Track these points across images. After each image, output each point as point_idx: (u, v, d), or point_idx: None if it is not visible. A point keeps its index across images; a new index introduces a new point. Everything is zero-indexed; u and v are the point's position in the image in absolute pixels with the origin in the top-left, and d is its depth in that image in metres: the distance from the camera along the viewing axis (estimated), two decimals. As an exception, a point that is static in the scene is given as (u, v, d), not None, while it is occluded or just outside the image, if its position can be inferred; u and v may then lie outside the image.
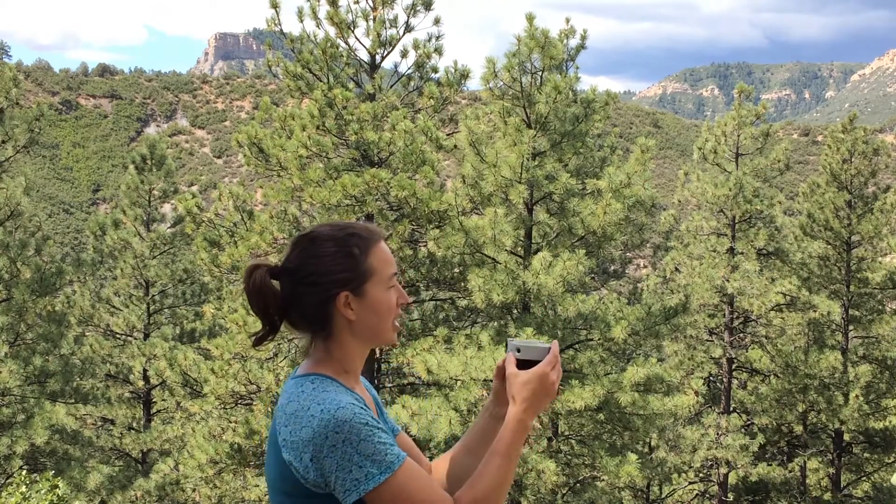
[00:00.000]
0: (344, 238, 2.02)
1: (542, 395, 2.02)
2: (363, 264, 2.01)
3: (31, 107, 17.77)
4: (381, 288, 2.03)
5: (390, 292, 2.04)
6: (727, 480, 22.89)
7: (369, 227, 2.07)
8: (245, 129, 14.34)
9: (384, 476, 1.86)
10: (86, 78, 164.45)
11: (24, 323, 16.89)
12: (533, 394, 2.01)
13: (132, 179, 21.82)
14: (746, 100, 22.94)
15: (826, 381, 21.86)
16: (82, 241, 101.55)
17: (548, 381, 2.02)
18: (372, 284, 2.01)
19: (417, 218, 13.90)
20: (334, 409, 1.89)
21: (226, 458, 14.35)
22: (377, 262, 2.02)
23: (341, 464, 1.86)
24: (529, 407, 2.00)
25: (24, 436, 16.38)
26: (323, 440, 1.86)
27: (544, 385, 2.02)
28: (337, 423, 1.87)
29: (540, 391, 2.01)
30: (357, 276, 2.00)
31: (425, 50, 14.79)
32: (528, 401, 2.00)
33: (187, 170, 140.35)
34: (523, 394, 2.00)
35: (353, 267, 2.00)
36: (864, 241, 22.76)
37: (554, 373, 2.03)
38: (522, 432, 1.99)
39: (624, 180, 13.24)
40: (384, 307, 2.03)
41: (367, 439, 1.87)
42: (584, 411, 13.35)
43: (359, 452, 1.86)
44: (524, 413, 1.99)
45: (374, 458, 1.87)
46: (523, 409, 1.99)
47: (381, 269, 2.03)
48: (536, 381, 2.01)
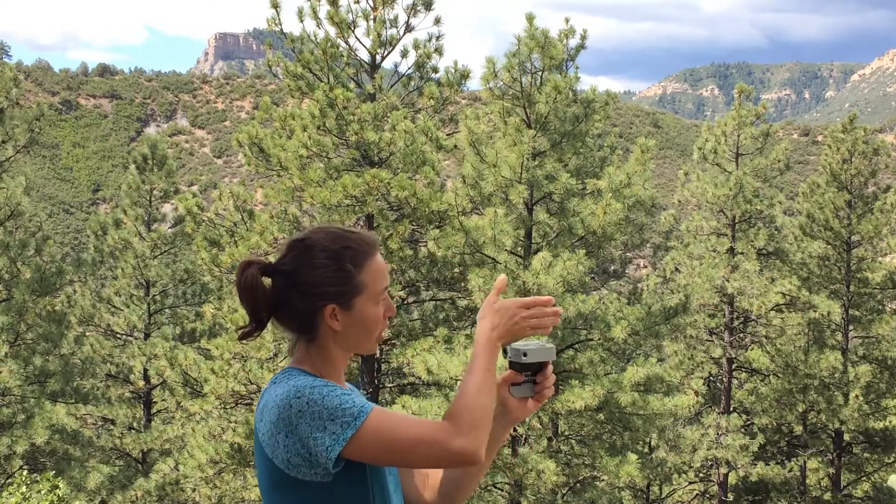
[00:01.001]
0: (338, 251, 2.02)
1: (508, 328, 2.02)
2: (355, 279, 2.01)
3: (31, 107, 17.78)
4: (371, 303, 2.03)
5: (379, 306, 2.05)
6: (727, 480, 22.89)
7: (365, 239, 2.06)
8: (245, 129, 14.35)
9: (360, 420, 1.87)
10: (86, 78, 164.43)
11: (24, 323, 16.89)
12: (501, 320, 2.01)
13: (133, 179, 21.82)
14: (746, 100, 22.94)
15: (826, 381, 21.86)
16: (82, 241, 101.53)
17: (517, 318, 2.02)
18: (361, 299, 2.02)
19: (417, 218, 13.91)
20: (293, 383, 1.93)
21: (226, 458, 14.35)
22: (369, 278, 2.02)
23: (313, 424, 1.87)
24: (499, 332, 2.01)
25: (25, 436, 16.38)
26: (288, 410, 1.88)
27: (513, 321, 2.02)
28: (297, 390, 1.90)
29: (507, 324, 2.01)
30: (347, 290, 2.01)
31: (425, 50, 14.79)
32: (497, 327, 2.01)
33: (187, 170, 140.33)
34: (496, 319, 2.01)
35: (344, 282, 2.01)
36: (864, 241, 22.76)
37: (525, 313, 2.02)
38: (492, 352, 2.00)
39: (624, 180, 13.24)
40: (371, 321, 2.04)
41: (330, 395, 1.89)
42: (584, 411, 13.35)
43: (326, 407, 1.87)
44: (492, 333, 2.00)
45: (342, 407, 1.88)
46: (491, 329, 2.00)
47: (373, 285, 2.03)
48: (509, 313, 2.02)
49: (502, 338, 2.01)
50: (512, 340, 2.04)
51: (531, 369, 2.09)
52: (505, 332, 2.01)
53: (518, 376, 2.09)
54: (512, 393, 2.10)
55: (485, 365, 1.98)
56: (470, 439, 1.90)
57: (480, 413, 1.93)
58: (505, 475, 13.46)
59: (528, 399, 2.11)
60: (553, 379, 2.12)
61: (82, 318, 21.06)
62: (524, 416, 2.13)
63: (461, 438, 1.89)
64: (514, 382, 2.10)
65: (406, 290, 14.60)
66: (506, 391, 2.11)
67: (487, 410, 1.94)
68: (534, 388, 2.11)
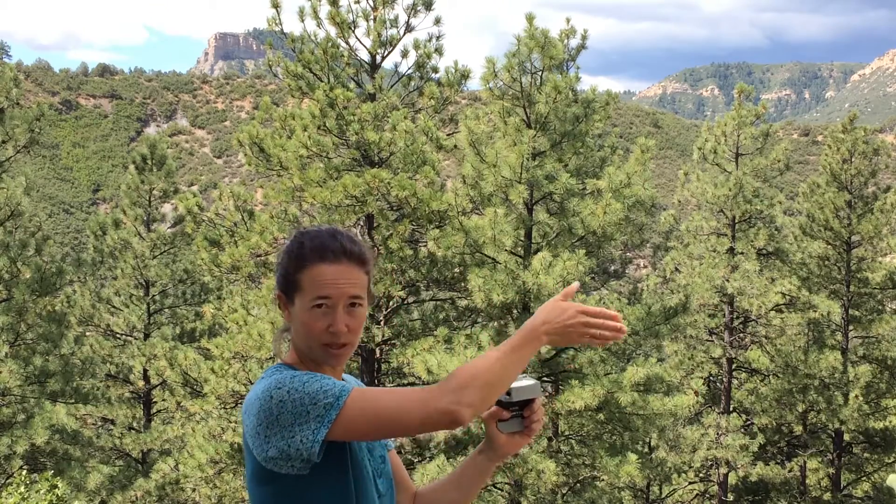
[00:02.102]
0: (296, 243, 2.04)
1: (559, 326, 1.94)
2: (292, 276, 2.02)
3: (31, 107, 17.76)
4: (304, 306, 2.00)
5: (314, 313, 1.99)
6: (727, 480, 22.89)
7: (324, 245, 2.02)
8: (246, 129, 14.35)
9: (342, 399, 1.85)
10: (86, 78, 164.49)
11: (24, 323, 16.89)
12: (556, 316, 1.95)
13: (132, 179, 21.83)
14: (746, 100, 22.94)
15: (826, 381, 21.86)
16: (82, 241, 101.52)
17: (573, 321, 1.95)
18: (298, 298, 2.01)
19: (418, 218, 13.90)
20: (274, 378, 1.92)
21: (226, 458, 14.35)
22: (307, 281, 1.99)
23: (296, 411, 1.85)
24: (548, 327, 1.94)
25: (24, 436, 16.38)
26: (269, 402, 1.87)
27: (568, 322, 1.95)
28: (277, 382, 1.89)
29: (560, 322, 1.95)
30: (287, 283, 2.03)
31: (426, 50, 14.79)
32: (549, 322, 1.94)
33: (187, 170, 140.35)
34: (552, 314, 1.95)
35: (286, 272, 2.03)
36: (864, 241, 22.76)
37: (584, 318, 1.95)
38: (531, 340, 1.93)
39: (624, 180, 13.24)
40: (305, 324, 1.99)
41: (310, 381, 1.88)
42: (584, 411, 13.35)
43: (307, 393, 1.86)
44: (541, 326, 1.94)
45: (323, 390, 1.86)
46: (542, 322, 1.94)
47: (308, 289, 1.99)
48: (567, 314, 1.95)
49: (551, 334, 1.94)
50: (562, 342, 1.96)
51: (518, 405, 2.05)
52: (557, 329, 1.94)
53: (504, 412, 2.05)
54: (500, 429, 2.06)
55: (517, 344, 1.92)
56: (456, 398, 1.83)
57: (481, 377, 1.86)
58: (505, 475, 13.46)
59: (517, 433, 2.07)
60: (542, 412, 2.08)
61: (82, 318, 21.06)
62: (514, 450, 2.10)
63: (447, 396, 1.84)
64: (501, 419, 2.06)
65: (406, 290, 14.60)
66: (493, 427, 2.07)
67: (492, 380, 1.87)
68: (522, 423, 2.06)
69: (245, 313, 13.88)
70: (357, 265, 2.03)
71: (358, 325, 2.02)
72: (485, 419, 2.08)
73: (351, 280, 2.00)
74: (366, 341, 13.82)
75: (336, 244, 2.02)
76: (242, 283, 15.23)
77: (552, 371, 14.12)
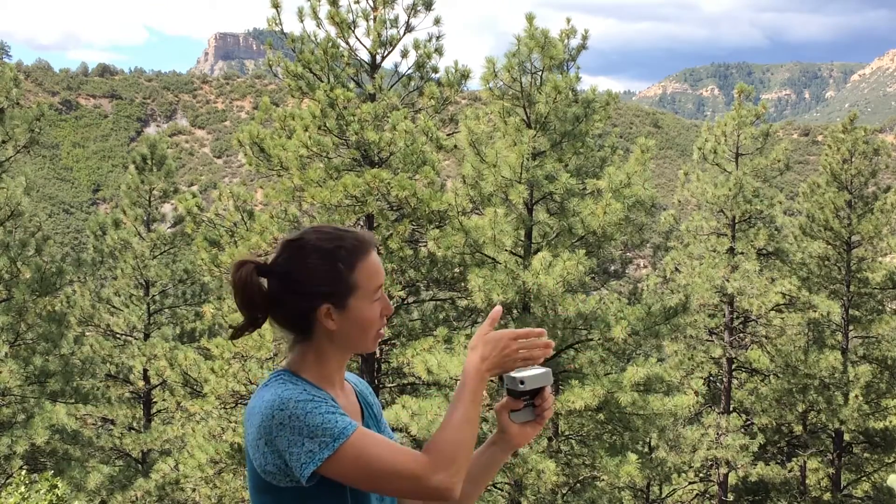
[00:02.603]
0: (330, 251, 1.99)
1: (498, 360, 1.99)
2: (348, 279, 1.99)
3: (31, 107, 17.76)
4: (366, 302, 2.00)
5: (374, 305, 2.02)
6: (727, 480, 22.89)
7: (358, 238, 2.03)
8: (246, 129, 14.35)
9: (338, 442, 1.85)
10: (86, 78, 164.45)
11: (24, 323, 16.89)
12: (491, 350, 1.99)
13: (132, 179, 21.83)
14: (746, 100, 22.94)
15: (826, 381, 21.86)
16: (82, 241, 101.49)
17: (508, 351, 1.99)
18: (356, 298, 1.99)
19: (418, 218, 13.90)
20: (280, 392, 1.91)
21: (226, 458, 14.35)
22: (362, 277, 2.00)
23: (292, 438, 1.86)
24: (488, 364, 1.98)
25: (24, 436, 16.37)
26: (270, 421, 1.87)
27: (504, 353, 1.99)
28: (281, 401, 1.88)
29: (497, 356, 1.99)
30: (340, 290, 1.99)
31: (426, 50, 14.79)
32: (488, 358, 1.98)
33: (187, 170, 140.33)
34: (486, 350, 1.99)
35: (336, 281, 1.98)
36: (864, 241, 22.76)
37: (516, 345, 2.00)
38: (479, 383, 1.97)
39: (624, 180, 13.24)
40: (367, 320, 2.01)
41: (314, 412, 1.87)
42: (584, 411, 13.35)
43: (307, 425, 1.86)
44: (482, 364, 1.98)
45: (324, 426, 1.86)
46: (481, 360, 1.98)
47: (366, 284, 2.00)
48: (501, 345, 1.99)
49: (492, 370, 1.99)
50: (502, 372, 2.01)
51: (529, 394, 2.07)
52: (495, 363, 1.99)
53: (517, 402, 2.08)
54: (512, 419, 2.09)
55: (471, 397, 1.96)
56: (448, 475, 1.89)
57: (461, 447, 1.92)
58: (505, 475, 13.46)
59: (528, 423, 2.10)
60: (552, 399, 2.11)
61: (82, 318, 21.05)
62: (526, 440, 2.12)
63: (439, 474, 1.88)
64: (514, 409, 2.08)
65: (406, 290, 14.60)
66: (506, 418, 2.09)
67: (469, 444, 1.93)
68: (534, 411, 2.09)
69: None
70: (375, 249, 2.09)
71: None
72: (497, 410, 2.11)
73: (381, 263, 2.08)
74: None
75: (364, 234, 2.06)
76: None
77: (552, 371, 14.11)
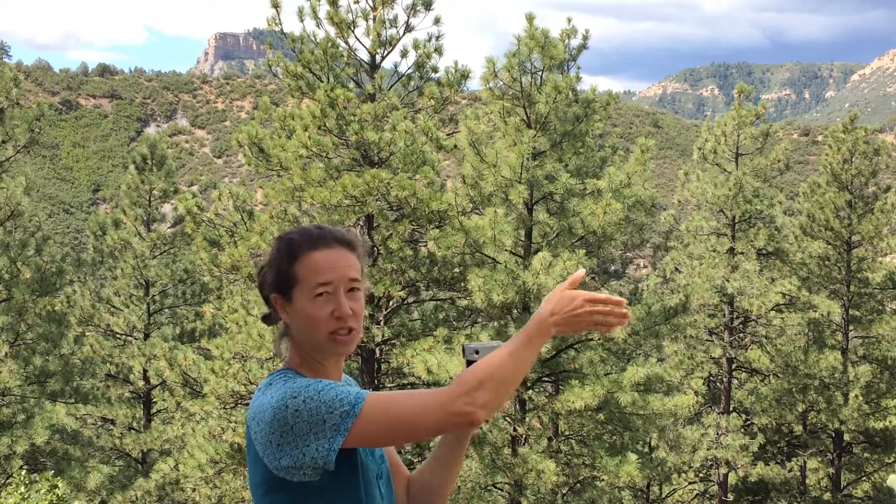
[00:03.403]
0: (286, 242, 2.04)
1: (567, 316, 1.93)
2: (287, 270, 2.01)
3: (31, 107, 17.77)
4: (306, 297, 1.99)
5: (317, 302, 1.98)
6: (727, 480, 22.89)
7: (311, 234, 2.04)
8: (245, 129, 14.35)
9: (359, 406, 1.85)
10: (86, 78, 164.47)
11: (24, 323, 16.89)
12: (563, 306, 1.93)
13: (132, 179, 21.83)
14: (746, 100, 22.94)
15: (826, 381, 21.86)
16: (82, 241, 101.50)
17: (580, 310, 1.94)
18: (298, 291, 2.00)
19: (417, 218, 13.90)
20: (287, 386, 1.92)
21: (226, 458, 14.35)
22: (303, 270, 1.99)
23: (311, 420, 1.85)
24: (556, 318, 1.93)
25: (24, 436, 16.38)
26: (285, 412, 1.86)
27: (575, 311, 1.93)
28: (293, 391, 1.88)
29: (567, 311, 1.93)
30: (282, 281, 2.01)
31: (425, 50, 14.79)
32: (557, 313, 1.93)
33: (187, 170, 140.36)
34: (559, 305, 1.93)
35: (279, 272, 2.02)
36: (864, 241, 22.76)
37: (590, 307, 1.94)
38: (540, 333, 1.92)
39: (624, 180, 13.23)
40: (309, 317, 1.98)
41: (325, 389, 1.88)
42: (584, 411, 13.35)
43: (323, 402, 1.85)
44: (549, 317, 1.92)
45: (339, 398, 1.86)
46: (550, 313, 1.92)
47: (307, 278, 1.99)
48: (575, 304, 1.94)
49: (559, 325, 1.93)
50: (570, 331, 1.95)
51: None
52: (565, 319, 1.93)
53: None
54: None
55: (526, 339, 1.91)
56: (471, 398, 1.84)
57: (495, 376, 1.87)
58: (505, 475, 13.45)
59: None
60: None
61: (82, 318, 21.06)
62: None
63: (462, 398, 1.85)
64: None
65: (406, 290, 14.60)
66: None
67: (507, 377, 1.88)
68: None
69: (245, 313, 13.88)
70: (348, 249, 2.05)
71: (360, 309, 2.02)
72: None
73: (347, 263, 2.02)
74: (366, 341, 13.81)
75: (323, 232, 2.05)
76: (242, 283, 15.23)
77: (552, 371, 14.12)
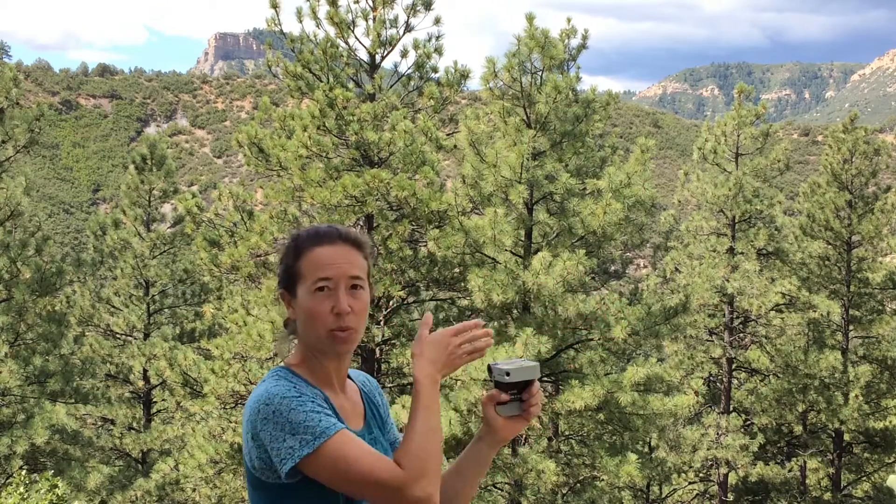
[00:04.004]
0: (294, 239, 2.11)
1: (445, 360, 2.02)
2: (293, 265, 2.06)
3: (31, 107, 17.76)
4: (307, 292, 2.02)
5: (316, 297, 2.01)
6: (727, 480, 22.89)
7: (317, 231, 2.09)
8: (245, 129, 14.34)
9: (318, 441, 1.88)
10: (86, 78, 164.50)
11: (24, 323, 16.89)
12: (438, 353, 2.02)
13: (132, 179, 21.83)
14: (746, 100, 22.94)
15: (826, 381, 21.86)
16: (82, 241, 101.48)
17: (452, 348, 2.03)
18: (300, 287, 2.04)
19: (417, 218, 13.89)
20: (270, 388, 1.95)
21: (226, 458, 14.35)
22: (305, 266, 2.04)
23: (274, 434, 1.89)
24: (439, 366, 2.01)
25: (24, 436, 16.37)
26: (256, 415, 1.92)
27: (449, 351, 2.02)
28: (268, 396, 1.92)
29: (443, 356, 2.02)
30: (288, 276, 2.08)
31: (425, 50, 14.78)
32: (436, 361, 2.01)
33: (187, 170, 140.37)
34: (433, 353, 2.01)
35: (286, 267, 2.08)
36: (864, 241, 22.76)
37: (458, 340, 2.03)
38: (433, 386, 1.99)
39: (624, 180, 13.23)
40: (310, 311, 2.01)
41: (297, 409, 1.90)
42: (584, 411, 13.34)
43: (290, 421, 1.89)
44: (431, 368, 2.00)
45: (306, 424, 1.89)
46: (430, 364, 2.00)
47: (308, 273, 2.03)
48: (444, 343, 2.02)
49: (442, 370, 2.01)
50: (451, 371, 2.03)
51: (516, 388, 2.07)
52: (444, 364, 2.02)
53: (503, 395, 2.07)
54: (498, 412, 2.08)
55: (428, 403, 1.98)
56: (420, 487, 1.90)
57: (431, 456, 1.93)
58: (505, 475, 13.45)
59: (515, 417, 2.09)
60: (540, 396, 2.10)
61: (82, 318, 21.06)
62: (513, 434, 2.12)
63: (419, 484, 1.90)
64: (500, 402, 2.07)
65: (406, 290, 14.59)
66: (491, 411, 2.09)
67: (437, 452, 1.95)
68: (521, 406, 2.08)
69: (245, 313, 13.87)
70: (354, 247, 2.07)
71: (361, 307, 2.04)
72: (483, 403, 2.11)
73: (349, 260, 2.04)
74: (366, 341, 13.80)
75: (330, 229, 2.09)
76: (242, 284, 15.23)
77: (552, 371, 14.12)
